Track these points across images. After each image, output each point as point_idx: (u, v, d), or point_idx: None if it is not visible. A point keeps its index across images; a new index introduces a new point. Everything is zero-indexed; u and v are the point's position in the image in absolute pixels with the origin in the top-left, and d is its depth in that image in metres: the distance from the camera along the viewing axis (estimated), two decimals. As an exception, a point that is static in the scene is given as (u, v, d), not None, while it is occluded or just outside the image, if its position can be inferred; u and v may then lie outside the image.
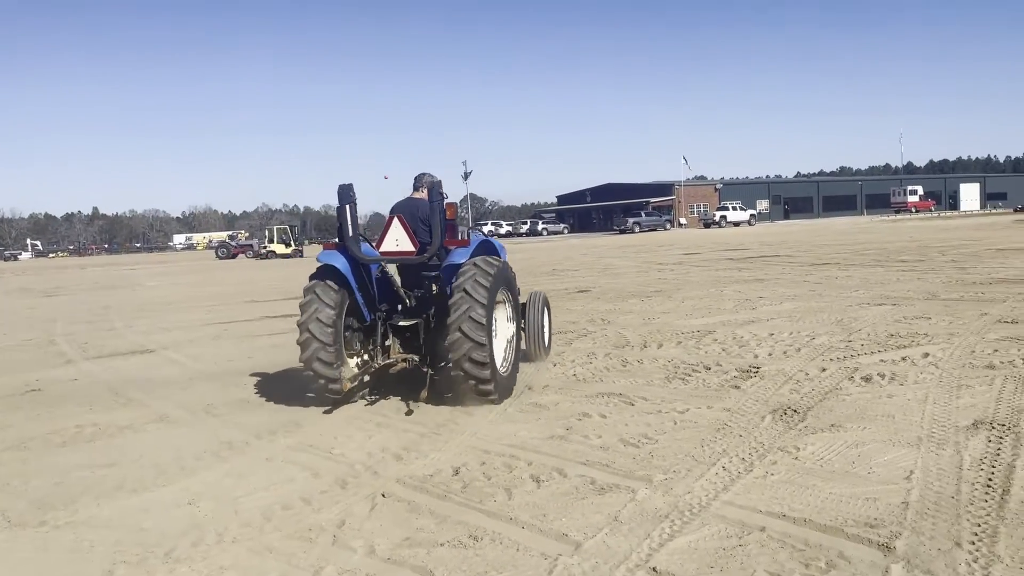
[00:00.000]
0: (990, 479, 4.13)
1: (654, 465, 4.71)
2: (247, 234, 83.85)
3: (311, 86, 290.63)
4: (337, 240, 6.81)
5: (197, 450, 5.62)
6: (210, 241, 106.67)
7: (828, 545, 3.48)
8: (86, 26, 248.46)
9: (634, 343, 9.03)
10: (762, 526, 3.72)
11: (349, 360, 6.75)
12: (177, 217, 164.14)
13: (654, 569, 3.35)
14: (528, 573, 3.40)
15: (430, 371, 6.65)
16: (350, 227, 6.69)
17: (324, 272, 6.63)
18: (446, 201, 6.79)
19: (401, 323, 6.92)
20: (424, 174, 7.34)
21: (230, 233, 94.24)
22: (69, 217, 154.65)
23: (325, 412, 6.52)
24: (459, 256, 6.65)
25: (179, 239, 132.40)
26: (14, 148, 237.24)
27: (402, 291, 7.08)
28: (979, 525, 3.57)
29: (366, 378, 6.88)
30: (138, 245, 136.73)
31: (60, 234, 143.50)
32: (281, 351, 10.08)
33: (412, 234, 6.70)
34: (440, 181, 7.03)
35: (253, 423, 6.33)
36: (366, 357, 6.93)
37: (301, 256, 55.01)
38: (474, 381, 6.22)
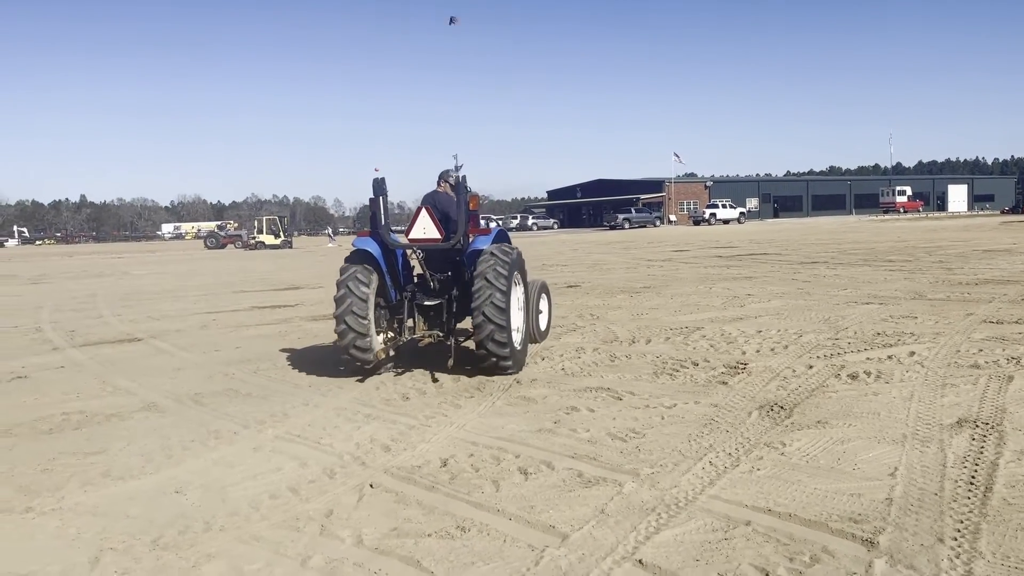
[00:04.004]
0: (973, 477, 4.18)
1: (641, 459, 4.74)
2: (236, 224, 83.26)
3: (302, 79, 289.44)
4: (370, 228, 7.54)
5: (184, 439, 5.61)
6: (199, 231, 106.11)
7: (813, 539, 3.52)
8: (75, 14, 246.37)
9: (623, 338, 9.06)
10: (748, 520, 3.75)
11: (378, 336, 7.35)
12: (166, 206, 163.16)
13: (640, 561, 3.38)
14: (515, 564, 3.41)
15: (454, 342, 7.34)
16: (382, 217, 7.38)
17: (358, 256, 7.30)
18: (470, 194, 7.46)
19: (426, 303, 7.56)
20: (447, 170, 8.18)
21: (219, 223, 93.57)
22: (56, 204, 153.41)
23: (313, 404, 6.52)
24: (481, 243, 7.40)
25: (167, 228, 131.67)
26: (1, 134, 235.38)
27: (427, 274, 7.64)
28: (962, 522, 3.61)
29: (392, 352, 7.50)
30: (126, 234, 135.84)
31: (47, 221, 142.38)
32: (269, 342, 10.06)
33: (439, 223, 7.33)
34: (465, 176, 7.62)
35: (241, 413, 6.32)
36: (391, 334, 7.57)
37: (290, 247, 54.83)
38: (495, 358, 6.96)
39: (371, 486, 4.48)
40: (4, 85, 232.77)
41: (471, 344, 7.60)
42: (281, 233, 56.52)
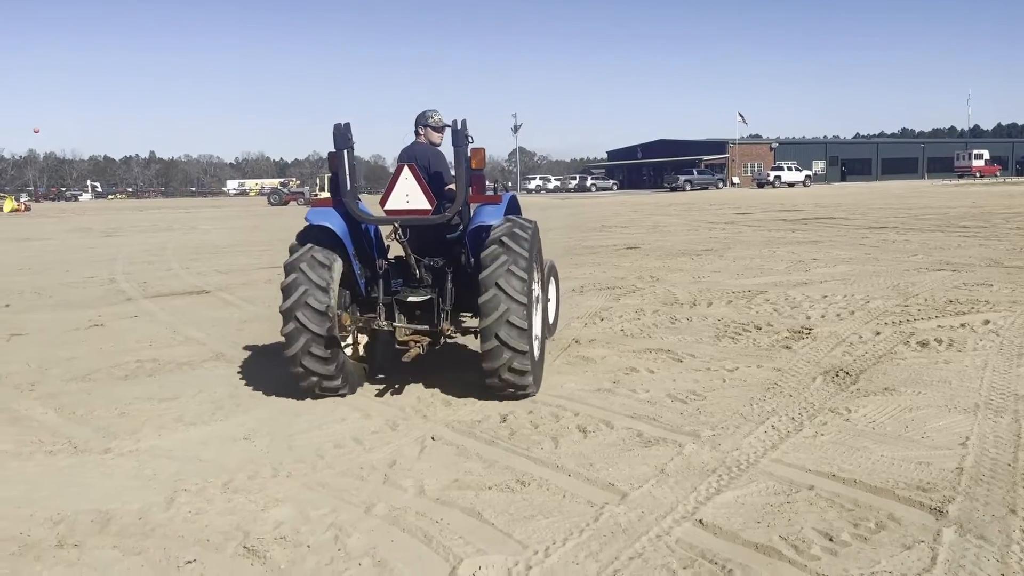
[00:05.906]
0: (1049, 449, 4.04)
1: (702, 421, 4.71)
2: (299, 182, 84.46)
3: (362, 35, 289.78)
4: (331, 195, 5.64)
5: (252, 388, 5.78)
6: (262, 187, 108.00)
7: (878, 506, 3.46)
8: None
9: (683, 301, 8.96)
10: (811, 485, 3.71)
11: (344, 343, 5.49)
12: (230, 163, 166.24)
13: (700, 521, 3.37)
14: (574, 519, 3.44)
15: (447, 311, 5.56)
16: (348, 179, 5.46)
17: (314, 235, 5.37)
18: (471, 146, 5.43)
19: (410, 299, 5.62)
20: (427, 112, 6.04)
21: (282, 180, 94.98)
22: (127, 160, 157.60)
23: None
24: (489, 215, 5.42)
25: (232, 184, 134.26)
26: (76, 91, 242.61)
27: (412, 258, 5.54)
28: (1036, 494, 3.50)
29: (362, 351, 5.87)
30: (192, 189, 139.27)
31: (118, 176, 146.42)
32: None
33: (427, 188, 5.39)
34: (464, 120, 5.46)
35: (306, 364, 6.46)
36: (366, 339, 5.88)
37: (351, 205, 55.47)
38: (512, 388, 5.16)
39: (432, 438, 4.56)
40: (79, 46, 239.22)
41: (470, 342, 6.22)
42: (342, 191, 57.09)
